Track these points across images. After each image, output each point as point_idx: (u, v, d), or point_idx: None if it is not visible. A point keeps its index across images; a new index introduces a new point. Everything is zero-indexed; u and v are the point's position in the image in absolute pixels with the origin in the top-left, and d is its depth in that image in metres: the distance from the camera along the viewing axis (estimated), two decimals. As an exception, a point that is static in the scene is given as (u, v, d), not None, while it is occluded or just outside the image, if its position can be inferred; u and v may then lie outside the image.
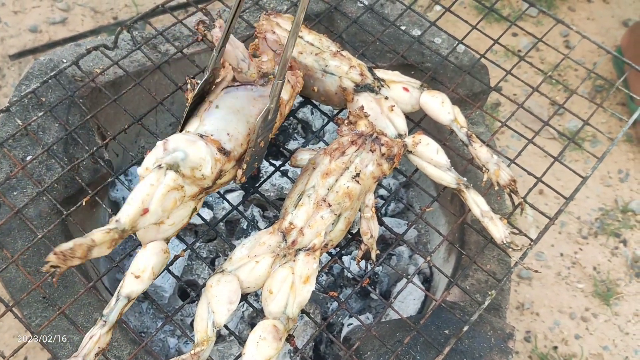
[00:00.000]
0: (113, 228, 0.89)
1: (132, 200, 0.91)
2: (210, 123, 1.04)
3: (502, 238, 1.10)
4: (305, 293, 0.98)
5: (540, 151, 1.26)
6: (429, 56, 1.42)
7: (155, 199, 0.92)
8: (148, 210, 0.91)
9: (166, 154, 0.95)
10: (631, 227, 1.98)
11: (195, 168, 0.97)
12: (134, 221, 0.91)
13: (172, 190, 0.93)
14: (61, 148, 1.23)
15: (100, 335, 0.92)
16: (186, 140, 0.98)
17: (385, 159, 1.09)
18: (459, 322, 1.10)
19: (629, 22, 2.37)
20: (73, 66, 1.25)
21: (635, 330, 1.82)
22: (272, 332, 0.94)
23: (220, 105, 1.06)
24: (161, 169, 0.93)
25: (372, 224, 1.09)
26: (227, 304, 0.96)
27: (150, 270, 0.96)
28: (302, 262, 0.99)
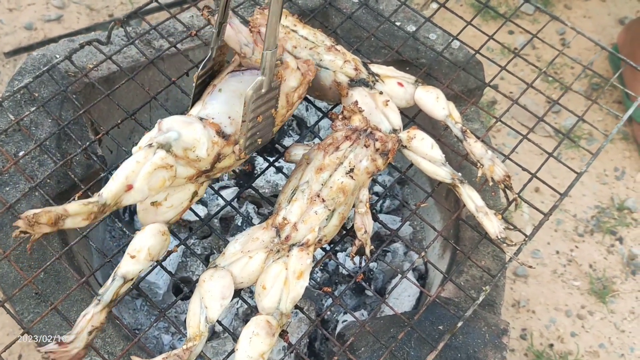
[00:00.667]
0: (94, 201, 0.88)
1: (116, 176, 0.90)
2: (212, 106, 1.03)
3: (496, 233, 1.09)
4: (299, 288, 0.98)
5: (536, 149, 1.26)
6: (424, 52, 1.42)
7: (140, 176, 0.91)
8: (132, 186, 0.90)
9: (160, 133, 0.95)
10: (627, 225, 1.98)
11: (188, 149, 0.96)
12: (117, 196, 0.90)
13: (159, 169, 0.92)
14: (54, 143, 1.22)
15: (93, 314, 0.92)
16: (182, 122, 0.97)
17: (379, 154, 1.08)
18: (453, 317, 1.10)
19: (625, 20, 2.37)
20: (66, 61, 1.25)
21: (631, 327, 1.82)
22: (265, 328, 0.94)
23: (224, 88, 1.06)
24: (151, 147, 0.92)
25: (366, 220, 1.08)
26: (220, 299, 0.96)
27: (147, 251, 0.96)
28: (295, 258, 0.99)
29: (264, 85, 1.00)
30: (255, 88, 0.99)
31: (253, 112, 1.00)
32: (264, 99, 1.01)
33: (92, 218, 0.89)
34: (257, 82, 0.99)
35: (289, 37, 1.19)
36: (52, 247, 1.11)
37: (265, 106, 1.03)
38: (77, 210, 0.87)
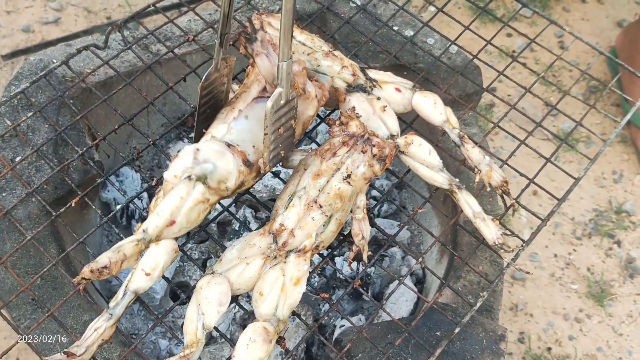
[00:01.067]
0: (141, 239, 0.90)
1: (161, 212, 0.92)
2: (237, 133, 1.04)
3: (494, 239, 1.09)
4: (296, 295, 0.98)
5: (533, 153, 1.25)
6: (422, 57, 1.42)
7: (182, 212, 0.93)
8: (175, 222, 0.93)
9: (195, 163, 0.96)
10: (625, 228, 1.98)
11: (222, 181, 0.98)
12: (161, 232, 0.92)
13: (199, 204, 0.94)
14: (51, 149, 1.22)
15: (105, 328, 0.93)
16: (216, 152, 0.99)
17: (376, 159, 1.08)
18: (451, 323, 1.10)
19: (624, 22, 2.37)
20: (63, 66, 1.25)
21: (629, 331, 1.82)
22: (262, 335, 0.94)
23: (250, 115, 1.06)
24: (190, 180, 0.94)
25: (363, 225, 1.08)
26: (217, 306, 0.96)
27: (161, 269, 0.97)
28: (292, 264, 0.99)
29: (283, 96, 1.00)
30: (274, 100, 0.99)
31: (274, 124, 1.01)
32: (283, 110, 1.02)
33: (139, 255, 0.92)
34: (276, 94, 0.99)
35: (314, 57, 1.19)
36: (48, 253, 1.11)
37: (285, 117, 1.03)
38: (132, 251, 0.90)
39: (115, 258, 0.88)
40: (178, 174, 0.95)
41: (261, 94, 1.09)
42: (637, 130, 2.09)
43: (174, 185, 0.95)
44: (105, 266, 0.86)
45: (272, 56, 1.06)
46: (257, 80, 1.12)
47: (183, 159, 0.97)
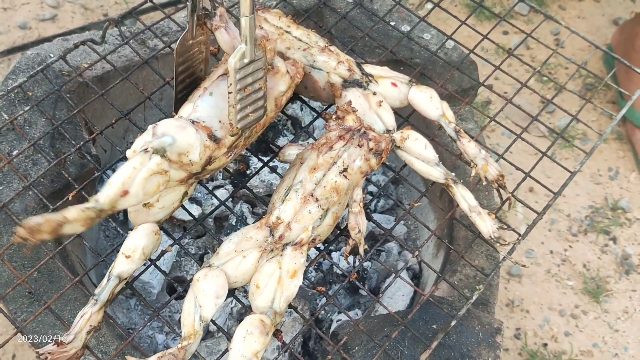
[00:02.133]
0: (91, 207, 0.88)
1: (112, 182, 0.90)
2: (203, 109, 1.04)
3: (489, 233, 1.09)
4: (292, 288, 0.98)
5: (530, 149, 1.26)
6: (418, 52, 1.42)
7: (136, 182, 0.91)
8: (128, 192, 0.90)
9: (154, 138, 0.95)
10: (621, 225, 1.98)
11: (182, 154, 0.97)
12: (113, 202, 0.90)
13: (154, 175, 0.92)
14: (48, 143, 1.22)
15: (91, 314, 0.94)
16: (176, 126, 0.98)
17: (373, 154, 1.09)
18: (447, 316, 1.10)
19: (619, 20, 2.38)
20: (60, 61, 1.25)
21: (625, 327, 1.83)
22: (259, 327, 0.94)
23: (215, 92, 1.06)
24: (147, 152, 0.92)
25: (359, 219, 1.09)
26: (214, 299, 0.96)
27: (141, 251, 0.97)
28: (289, 257, 0.99)
29: (247, 54, 0.99)
30: (237, 56, 0.98)
31: (239, 82, 0.99)
32: (248, 69, 1.00)
33: (89, 223, 0.89)
34: (239, 51, 0.98)
35: (283, 38, 1.19)
36: (45, 247, 1.11)
37: (252, 77, 1.01)
38: (76, 216, 0.87)
39: (52, 217, 0.84)
40: (137, 149, 0.94)
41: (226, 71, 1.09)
42: (633, 127, 2.09)
43: None
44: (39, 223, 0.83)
45: (231, 30, 1.07)
46: (226, 59, 1.12)
47: (143, 136, 0.97)
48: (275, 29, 1.20)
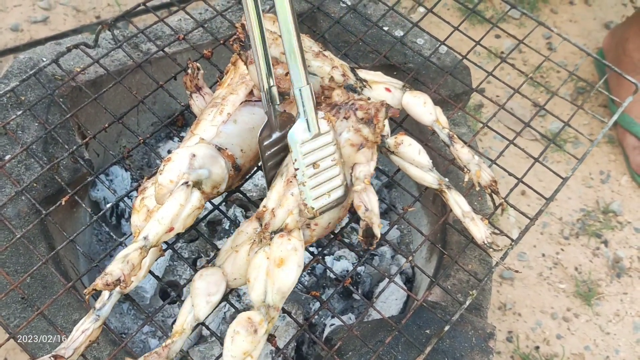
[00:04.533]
0: (142, 247, 0.90)
1: (162, 220, 0.91)
2: (226, 136, 1.04)
3: (483, 238, 1.10)
4: (283, 277, 0.93)
5: (522, 153, 1.27)
6: (412, 57, 1.42)
7: (181, 218, 0.93)
8: (173, 228, 0.93)
9: (192, 170, 0.96)
10: (612, 228, 1.99)
11: (215, 187, 0.99)
12: (161, 239, 0.92)
13: (196, 210, 0.95)
14: (40, 147, 1.22)
15: (93, 330, 0.94)
16: (210, 157, 0.99)
17: (363, 123, 1.03)
18: (440, 321, 1.10)
19: (611, 24, 2.39)
20: (53, 65, 1.24)
21: (616, 330, 1.84)
22: (245, 326, 0.91)
23: (239, 120, 1.07)
24: (188, 187, 0.94)
25: (364, 196, 1.00)
26: (206, 296, 0.96)
27: (146, 268, 0.99)
28: (275, 245, 0.94)
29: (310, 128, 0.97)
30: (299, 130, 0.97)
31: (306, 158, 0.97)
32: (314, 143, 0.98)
33: None
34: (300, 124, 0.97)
35: (277, 43, 1.19)
36: (38, 252, 1.11)
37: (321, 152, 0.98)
38: (137, 260, 0.89)
39: (127, 269, 0.88)
40: (174, 179, 0.95)
41: (248, 98, 1.10)
42: (624, 131, 2.11)
43: (169, 190, 0.95)
44: (118, 279, 0.86)
45: None
46: (244, 83, 1.12)
47: (178, 163, 0.97)
48: (269, 34, 1.20)
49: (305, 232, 1.00)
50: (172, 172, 0.96)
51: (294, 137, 0.97)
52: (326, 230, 1.04)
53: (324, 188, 0.98)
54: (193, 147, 1.01)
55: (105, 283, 0.86)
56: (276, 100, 1.01)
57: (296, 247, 0.95)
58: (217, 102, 1.11)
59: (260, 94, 1.08)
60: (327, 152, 0.99)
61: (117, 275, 0.87)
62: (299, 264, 0.94)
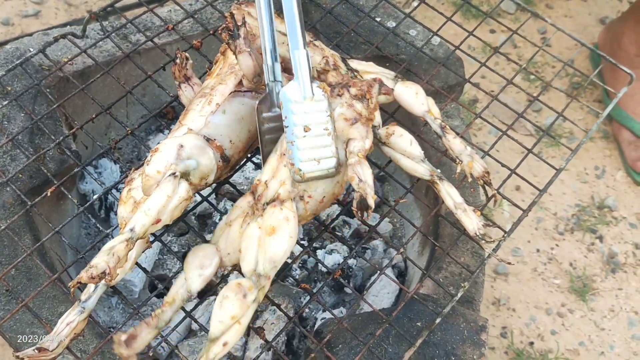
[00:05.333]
0: (129, 238, 0.88)
1: (149, 211, 0.90)
2: (215, 127, 1.03)
3: (475, 230, 1.08)
4: (274, 245, 0.92)
5: (517, 147, 1.26)
6: (404, 48, 1.41)
7: (168, 210, 0.92)
8: (160, 220, 0.91)
9: (179, 160, 0.95)
10: (607, 223, 1.98)
11: (203, 178, 0.98)
12: (148, 230, 0.91)
13: (184, 201, 0.93)
14: (27, 138, 1.20)
15: (78, 322, 0.93)
16: (199, 148, 0.98)
17: (357, 99, 1.03)
18: (432, 314, 1.09)
19: (606, 19, 2.38)
20: (40, 55, 1.23)
21: (611, 325, 1.82)
22: (234, 290, 0.90)
23: (228, 110, 1.05)
24: (175, 178, 0.92)
25: (358, 168, 0.99)
26: (199, 269, 0.95)
27: (132, 260, 0.97)
28: (267, 214, 0.94)
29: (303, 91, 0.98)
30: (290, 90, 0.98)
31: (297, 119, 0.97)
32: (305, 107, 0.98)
33: None
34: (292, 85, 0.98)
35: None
36: (23, 244, 1.09)
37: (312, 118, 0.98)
38: (124, 252, 0.88)
39: (113, 262, 0.86)
40: (161, 170, 0.94)
41: (238, 88, 1.08)
42: (619, 126, 2.09)
43: (156, 181, 0.94)
44: (104, 271, 0.85)
45: (254, 54, 1.05)
46: (233, 73, 1.10)
47: (166, 154, 0.95)
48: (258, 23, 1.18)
49: (299, 205, 0.98)
50: (160, 163, 0.94)
51: (286, 94, 0.97)
52: (321, 205, 1.01)
53: (314, 153, 0.97)
54: (181, 137, 1.00)
55: (90, 276, 0.85)
56: (279, 77, 1.01)
57: (288, 216, 0.94)
58: (206, 92, 1.09)
59: (250, 85, 1.07)
60: (319, 119, 0.98)
61: (102, 268, 0.85)
62: (291, 235, 0.93)
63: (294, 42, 0.98)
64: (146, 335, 0.91)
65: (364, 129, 1.03)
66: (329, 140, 0.98)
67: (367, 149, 1.01)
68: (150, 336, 0.91)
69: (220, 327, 0.89)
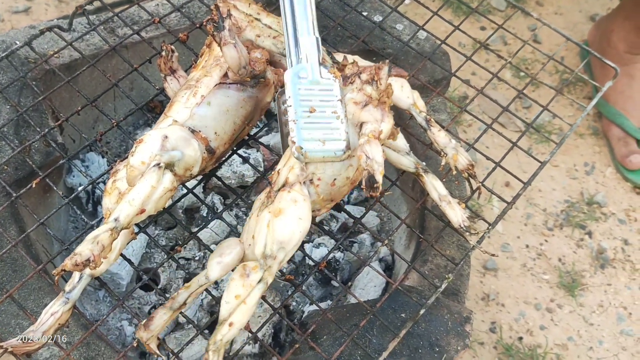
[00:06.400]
0: (113, 228, 0.89)
1: (133, 201, 0.90)
2: (200, 119, 1.03)
3: (459, 222, 1.09)
4: (281, 226, 0.93)
5: (506, 144, 1.26)
6: (390, 42, 1.41)
7: (152, 200, 0.92)
8: (145, 210, 0.92)
9: (164, 151, 0.95)
10: (596, 219, 1.99)
11: (188, 169, 0.98)
12: (132, 220, 0.91)
13: (168, 192, 0.94)
14: (12, 130, 1.20)
15: (62, 313, 0.93)
16: (183, 139, 0.98)
17: (367, 83, 1.03)
18: (416, 305, 1.09)
19: (596, 16, 2.39)
20: (26, 47, 1.23)
21: (600, 321, 1.83)
22: (239, 271, 0.92)
23: (213, 102, 1.05)
24: (160, 169, 0.92)
25: (366, 147, 0.97)
26: (218, 257, 0.96)
27: (117, 251, 0.98)
28: (277, 199, 0.96)
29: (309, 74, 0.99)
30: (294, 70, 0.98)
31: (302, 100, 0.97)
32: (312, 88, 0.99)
33: None
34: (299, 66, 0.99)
35: (253, 25, 1.18)
36: (8, 235, 1.09)
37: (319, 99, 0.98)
38: (108, 241, 0.88)
39: (97, 250, 0.87)
40: (146, 161, 0.94)
41: (223, 80, 1.09)
42: (609, 122, 2.10)
43: (140, 172, 0.94)
44: (88, 259, 0.85)
45: (239, 46, 1.05)
46: (218, 65, 1.11)
47: (150, 144, 0.95)
48: (245, 16, 1.19)
49: (310, 189, 0.98)
50: (144, 154, 0.95)
51: (290, 74, 0.98)
52: (334, 189, 1.00)
53: (318, 134, 0.96)
54: (165, 128, 1.00)
55: (75, 263, 0.85)
56: None
57: (295, 198, 0.95)
58: (191, 84, 1.09)
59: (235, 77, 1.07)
60: (326, 101, 0.98)
61: (87, 256, 0.86)
62: (300, 216, 0.94)
63: (304, 29, 0.99)
64: (162, 316, 0.93)
65: (378, 112, 1.02)
66: (337, 123, 0.98)
67: (381, 130, 1.01)
68: (165, 317, 0.93)
69: (227, 307, 0.91)
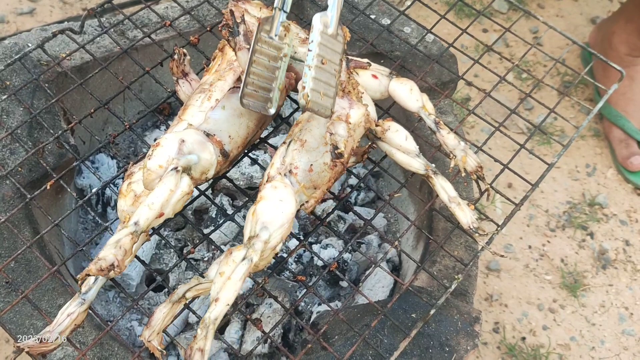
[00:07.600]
0: (134, 232, 0.90)
1: (152, 205, 0.92)
2: (214, 122, 1.05)
3: (469, 223, 1.10)
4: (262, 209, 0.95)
5: (509, 145, 1.27)
6: (398, 45, 1.43)
7: (171, 204, 0.93)
8: (163, 214, 0.93)
9: (181, 155, 0.96)
10: (598, 220, 2.01)
11: (204, 172, 1.00)
12: (152, 224, 0.93)
13: (185, 195, 0.95)
14: (25, 132, 1.21)
15: (78, 313, 0.94)
16: (199, 143, 1.00)
17: None
18: (426, 305, 1.11)
19: (597, 19, 2.41)
20: (38, 50, 1.24)
21: (602, 321, 1.85)
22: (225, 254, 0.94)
23: (227, 106, 1.07)
24: (177, 172, 0.94)
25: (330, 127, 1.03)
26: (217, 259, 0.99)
27: (133, 253, 0.98)
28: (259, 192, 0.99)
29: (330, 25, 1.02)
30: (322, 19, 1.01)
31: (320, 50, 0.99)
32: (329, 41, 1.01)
33: None
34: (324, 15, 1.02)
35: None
36: (22, 236, 1.10)
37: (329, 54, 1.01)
38: (130, 244, 0.90)
39: (120, 254, 0.89)
40: (163, 165, 0.95)
41: (236, 84, 1.10)
42: (610, 124, 2.12)
43: (157, 175, 0.95)
44: (112, 263, 0.87)
45: None
46: (232, 69, 1.12)
47: (167, 148, 0.97)
48: (256, 20, 1.20)
49: (291, 179, 1.01)
50: (161, 157, 0.96)
51: (318, 22, 1.01)
52: (312, 174, 1.03)
53: (322, 87, 1.00)
54: (182, 132, 1.01)
55: (99, 268, 0.87)
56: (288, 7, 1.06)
57: (275, 185, 0.98)
58: (205, 88, 1.11)
59: None
60: (334, 58, 1.02)
61: (111, 261, 0.87)
62: (280, 198, 0.97)
63: None
64: (161, 309, 0.96)
65: (344, 101, 1.07)
66: (333, 81, 1.02)
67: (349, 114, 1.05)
68: (165, 310, 0.96)
69: (214, 287, 0.91)
